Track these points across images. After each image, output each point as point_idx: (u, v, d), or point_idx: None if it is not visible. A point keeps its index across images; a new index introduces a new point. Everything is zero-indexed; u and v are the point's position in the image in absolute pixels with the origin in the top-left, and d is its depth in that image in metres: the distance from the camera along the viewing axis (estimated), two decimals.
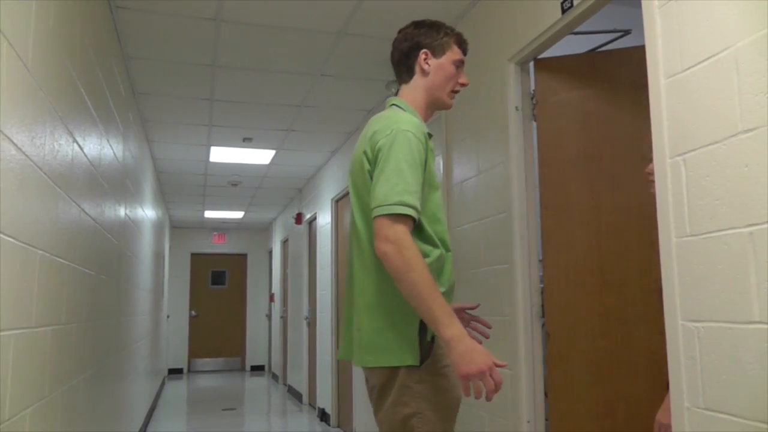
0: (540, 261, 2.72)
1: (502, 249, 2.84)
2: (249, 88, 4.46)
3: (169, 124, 5.35)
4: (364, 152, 1.77)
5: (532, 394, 2.65)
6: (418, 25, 1.96)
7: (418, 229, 1.72)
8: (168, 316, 11.06)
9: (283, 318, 9.86)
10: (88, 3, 2.60)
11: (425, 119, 1.93)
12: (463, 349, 1.55)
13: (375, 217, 1.65)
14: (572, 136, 2.69)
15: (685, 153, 1.73)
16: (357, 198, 1.82)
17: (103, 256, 3.20)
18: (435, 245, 1.75)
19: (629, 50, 2.65)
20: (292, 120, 5.16)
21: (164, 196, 8.60)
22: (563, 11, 2.41)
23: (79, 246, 2.51)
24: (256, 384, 10.44)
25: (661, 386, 1.86)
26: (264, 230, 12.46)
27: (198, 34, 3.58)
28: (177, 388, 9.94)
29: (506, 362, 1.71)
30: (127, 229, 4.31)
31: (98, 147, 2.94)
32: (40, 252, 1.86)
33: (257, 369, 12.20)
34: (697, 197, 1.68)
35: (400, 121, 1.74)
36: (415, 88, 1.91)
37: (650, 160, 1.98)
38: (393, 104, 1.91)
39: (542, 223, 2.72)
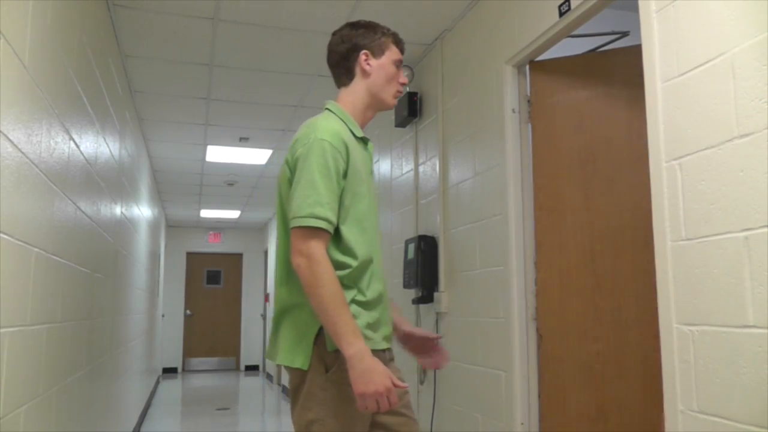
0: (534, 263, 2.73)
1: (498, 251, 2.85)
2: (246, 87, 4.46)
3: (165, 122, 5.34)
4: (287, 160, 1.78)
5: (526, 396, 2.65)
6: (353, 26, 1.94)
7: (336, 239, 1.72)
8: (163, 315, 11.04)
9: None
10: (86, 1, 2.59)
11: (365, 121, 1.92)
12: (363, 368, 1.58)
13: (291, 228, 1.67)
14: (567, 139, 2.70)
15: (681, 157, 1.74)
16: (280, 205, 1.82)
17: (99, 255, 3.19)
18: (354, 256, 1.74)
19: (624, 50, 2.66)
20: (289, 120, 5.15)
21: (160, 195, 8.58)
22: (561, 14, 2.42)
23: (75, 244, 2.50)
24: (250, 384, 10.43)
25: (654, 390, 1.86)
26: (260, 230, 12.44)
27: (196, 34, 3.58)
28: (171, 388, 9.92)
29: (406, 385, 1.71)
30: (123, 227, 4.30)
31: (95, 145, 2.94)
32: (36, 250, 1.86)
33: (252, 369, 12.17)
34: (693, 201, 1.69)
35: (318, 129, 1.73)
36: (356, 91, 1.90)
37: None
38: (326, 108, 1.90)
39: (536, 225, 2.72)
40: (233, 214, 10.40)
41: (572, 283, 2.60)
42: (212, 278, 12.32)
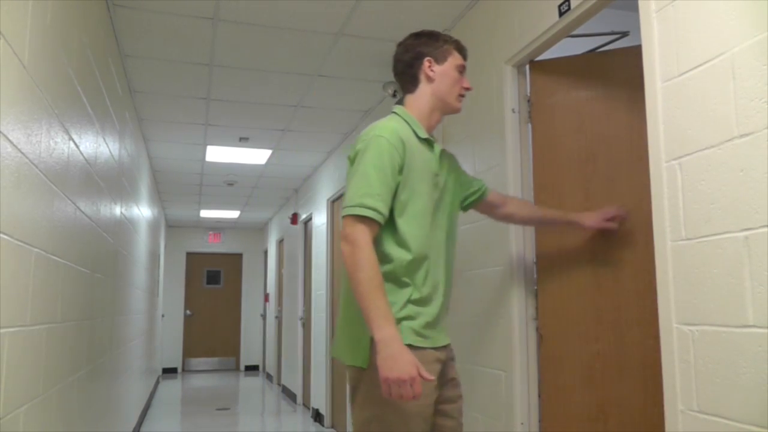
0: (534, 263, 2.73)
1: (498, 251, 2.85)
2: (246, 87, 4.46)
3: (165, 122, 5.34)
4: (349, 157, 1.89)
5: (526, 396, 2.65)
6: (417, 35, 2.03)
7: (391, 231, 1.80)
8: (163, 316, 11.04)
9: (278, 318, 9.85)
10: (86, 1, 2.59)
11: (432, 125, 2.02)
12: (388, 353, 1.61)
13: (342, 217, 1.76)
14: (567, 138, 2.70)
15: (681, 157, 1.74)
16: None
17: (99, 255, 3.19)
18: (408, 249, 1.80)
19: (624, 50, 2.66)
20: (289, 120, 5.15)
21: (160, 195, 8.58)
22: (560, 14, 2.42)
23: (75, 244, 2.50)
24: (250, 384, 10.43)
25: (654, 390, 1.86)
26: (259, 230, 12.45)
27: (195, 34, 3.58)
28: (171, 388, 9.92)
29: (432, 377, 1.73)
30: (123, 227, 4.30)
31: (94, 145, 2.94)
32: (36, 250, 1.86)
33: (252, 369, 12.18)
34: (693, 201, 1.69)
35: (377, 128, 1.84)
36: (421, 96, 1.99)
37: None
38: (393, 111, 2.00)
39: None
40: (233, 214, 10.41)
41: (572, 283, 2.60)
42: (212, 278, 12.33)
